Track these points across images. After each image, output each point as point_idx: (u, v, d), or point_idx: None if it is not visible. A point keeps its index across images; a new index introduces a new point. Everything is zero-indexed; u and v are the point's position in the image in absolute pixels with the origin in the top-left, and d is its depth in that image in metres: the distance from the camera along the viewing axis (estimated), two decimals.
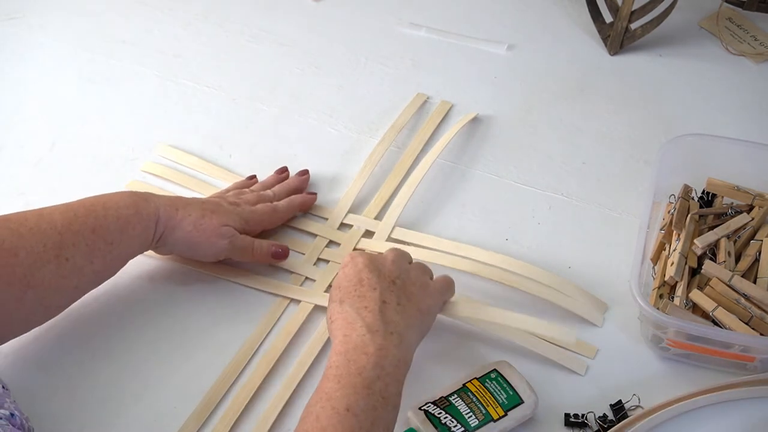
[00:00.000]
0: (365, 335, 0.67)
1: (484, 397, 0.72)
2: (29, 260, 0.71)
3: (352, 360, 0.66)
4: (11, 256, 0.70)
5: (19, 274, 0.70)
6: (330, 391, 0.64)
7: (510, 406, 0.72)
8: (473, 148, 0.97)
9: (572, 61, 1.07)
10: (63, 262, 0.73)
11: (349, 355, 0.66)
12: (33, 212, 0.74)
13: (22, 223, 0.72)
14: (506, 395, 0.72)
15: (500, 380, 0.73)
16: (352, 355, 0.66)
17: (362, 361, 0.66)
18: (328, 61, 1.08)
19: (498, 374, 0.74)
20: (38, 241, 0.71)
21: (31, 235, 0.71)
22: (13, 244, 0.70)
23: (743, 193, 0.85)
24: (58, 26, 1.13)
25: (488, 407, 0.72)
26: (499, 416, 0.71)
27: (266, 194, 0.88)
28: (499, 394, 0.72)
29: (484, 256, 0.84)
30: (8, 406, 0.65)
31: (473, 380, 0.74)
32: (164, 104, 1.03)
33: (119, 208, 0.76)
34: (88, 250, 0.74)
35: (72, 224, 0.74)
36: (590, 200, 0.91)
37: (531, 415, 0.72)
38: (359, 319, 0.68)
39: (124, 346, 0.80)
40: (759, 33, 1.08)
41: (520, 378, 0.73)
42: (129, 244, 0.77)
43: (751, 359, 0.74)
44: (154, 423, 0.75)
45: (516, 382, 0.73)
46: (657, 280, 0.81)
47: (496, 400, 0.72)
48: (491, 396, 0.72)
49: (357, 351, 0.66)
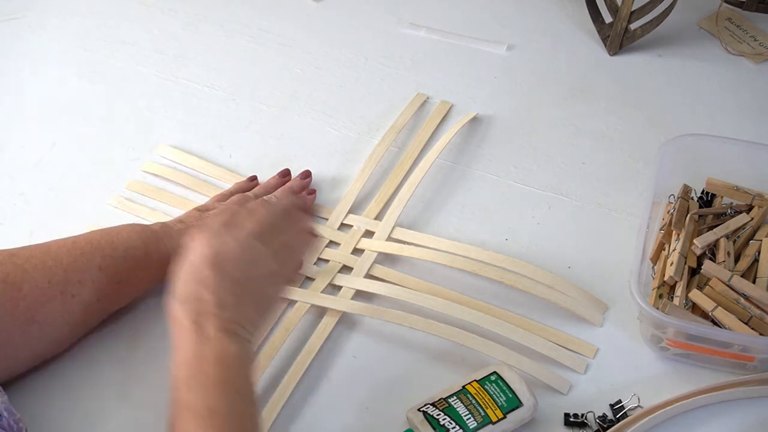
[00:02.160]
0: (201, 344, 0.64)
1: (484, 400, 0.72)
2: (33, 295, 0.71)
3: (194, 368, 0.63)
4: (15, 291, 0.70)
5: (23, 308, 0.70)
6: (184, 400, 0.62)
7: (509, 409, 0.72)
8: (473, 148, 0.97)
9: (572, 61, 1.07)
10: (69, 299, 0.73)
11: (191, 365, 0.63)
12: (39, 248, 0.74)
13: (27, 259, 0.72)
14: (505, 398, 0.72)
15: (500, 383, 0.73)
16: (193, 363, 0.63)
17: (205, 366, 0.63)
18: (328, 61, 1.08)
19: (498, 377, 0.74)
20: (43, 277, 0.71)
21: (36, 271, 0.71)
22: (18, 278, 0.70)
23: (742, 193, 0.85)
24: (58, 26, 1.13)
25: (487, 409, 0.72)
26: (498, 419, 0.71)
27: (270, 201, 0.87)
28: (499, 397, 0.72)
29: (483, 255, 0.84)
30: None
31: (473, 382, 0.74)
32: (164, 104, 1.03)
33: (128, 249, 0.76)
34: (95, 288, 0.74)
35: (77, 261, 0.73)
36: (590, 200, 0.91)
37: (530, 418, 0.72)
38: (196, 327, 0.64)
39: (124, 346, 0.79)
40: (758, 33, 1.08)
41: (519, 381, 0.73)
42: (137, 284, 0.78)
43: (751, 359, 0.74)
44: (155, 423, 0.74)
45: (516, 385, 0.73)
46: (656, 280, 0.81)
47: (496, 403, 0.72)
48: (490, 398, 0.72)
49: (197, 359, 0.63)
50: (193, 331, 0.64)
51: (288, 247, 0.71)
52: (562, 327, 0.80)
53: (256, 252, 0.68)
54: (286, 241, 0.71)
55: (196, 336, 0.64)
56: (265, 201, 0.88)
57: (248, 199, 0.88)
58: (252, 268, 0.68)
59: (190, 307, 0.65)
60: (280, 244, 0.70)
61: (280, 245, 0.70)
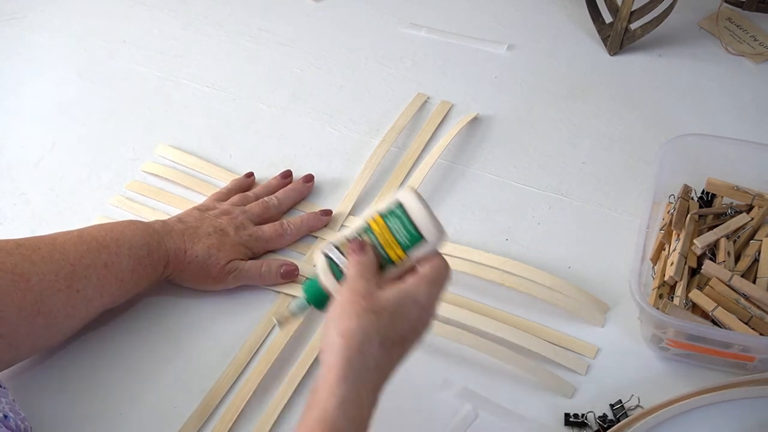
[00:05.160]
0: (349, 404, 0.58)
1: (386, 239, 0.65)
2: (40, 287, 0.71)
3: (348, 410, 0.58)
4: (23, 281, 0.70)
5: (30, 300, 0.70)
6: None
7: (411, 247, 0.65)
8: (473, 148, 0.97)
9: (572, 61, 1.07)
10: (74, 294, 0.73)
11: (346, 407, 0.57)
12: (45, 240, 0.74)
13: (34, 250, 0.72)
14: (408, 235, 0.65)
15: (403, 218, 0.65)
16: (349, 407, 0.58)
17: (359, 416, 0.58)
18: (328, 61, 1.08)
19: (402, 210, 0.65)
20: (50, 270, 0.72)
21: (44, 263, 0.72)
22: (26, 269, 0.71)
23: (743, 193, 0.85)
24: (58, 26, 1.13)
25: (389, 250, 0.65)
26: (400, 259, 0.65)
27: (271, 202, 0.88)
28: (401, 234, 0.65)
29: (483, 257, 0.84)
30: (2, 408, 0.65)
31: (377, 217, 0.66)
32: (164, 104, 1.03)
33: (132, 247, 0.77)
34: (99, 284, 0.75)
35: (84, 257, 0.74)
36: (590, 200, 0.91)
37: (435, 250, 0.65)
38: (361, 391, 0.59)
39: (124, 345, 0.80)
40: (759, 33, 1.08)
41: (422, 212, 0.65)
42: (138, 282, 0.78)
43: (751, 359, 0.74)
44: (155, 423, 0.75)
45: (418, 217, 0.65)
46: (657, 280, 0.81)
47: (397, 241, 0.65)
48: (392, 236, 0.65)
49: (352, 405, 0.58)
50: (351, 390, 0.58)
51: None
52: (562, 328, 0.80)
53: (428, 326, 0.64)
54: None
55: (354, 397, 0.58)
56: (266, 202, 0.88)
57: (248, 199, 0.88)
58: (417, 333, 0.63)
59: (361, 366, 0.59)
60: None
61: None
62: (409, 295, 0.62)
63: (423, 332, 0.63)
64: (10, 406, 0.65)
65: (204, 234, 0.81)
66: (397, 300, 0.61)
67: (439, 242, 0.65)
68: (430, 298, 0.63)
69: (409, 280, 0.63)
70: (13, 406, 0.66)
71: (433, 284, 0.63)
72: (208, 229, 0.82)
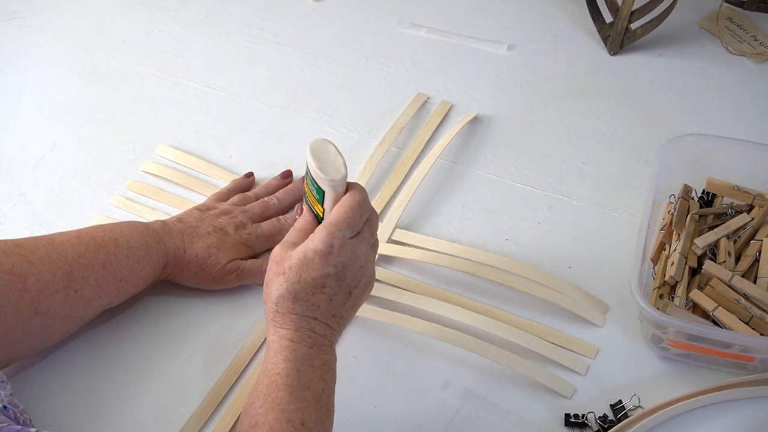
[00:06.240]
0: (312, 348, 0.66)
1: (310, 197, 0.69)
2: (38, 287, 0.71)
3: (301, 371, 0.65)
4: (21, 281, 0.70)
5: (27, 301, 0.70)
6: (282, 402, 0.63)
7: (322, 199, 0.68)
8: (473, 148, 0.97)
9: (572, 61, 1.07)
10: (72, 294, 0.73)
11: (298, 365, 0.65)
12: (43, 240, 0.74)
13: (32, 250, 0.72)
14: (315, 188, 0.68)
15: (308, 173, 0.68)
16: (301, 365, 0.65)
17: (309, 373, 0.65)
18: (328, 61, 1.08)
19: (307, 166, 0.69)
20: (48, 270, 0.72)
21: (41, 263, 0.72)
22: (23, 270, 0.71)
23: (743, 193, 0.85)
24: (58, 26, 1.13)
25: (315, 207, 0.69)
26: (322, 212, 0.69)
27: (271, 202, 0.88)
28: (313, 190, 0.68)
29: (483, 257, 0.84)
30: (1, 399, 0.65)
31: (305, 180, 0.70)
32: (164, 104, 1.03)
33: (130, 247, 0.77)
34: (97, 285, 0.75)
35: (82, 257, 0.74)
36: (590, 200, 0.91)
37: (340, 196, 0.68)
38: (309, 330, 0.67)
39: (124, 345, 0.80)
40: (759, 33, 1.08)
41: (313, 164, 0.67)
42: (136, 282, 0.78)
43: (751, 359, 0.74)
44: (155, 423, 0.75)
45: (313, 168, 0.67)
46: (657, 280, 0.81)
47: (314, 197, 0.69)
48: (311, 194, 0.69)
49: (305, 362, 0.65)
50: (307, 338, 0.66)
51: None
52: (562, 328, 0.80)
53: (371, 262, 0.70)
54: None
55: (309, 343, 0.66)
56: (266, 202, 0.88)
57: (249, 199, 0.88)
58: (362, 276, 0.69)
59: (305, 310, 0.66)
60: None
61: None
62: (309, 248, 0.66)
63: (341, 273, 0.67)
64: (8, 399, 0.65)
65: (204, 233, 0.81)
66: (300, 255, 0.66)
67: (338, 187, 0.67)
68: (327, 243, 0.66)
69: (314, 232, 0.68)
70: (12, 399, 0.66)
71: (327, 229, 0.66)
72: (207, 228, 0.81)
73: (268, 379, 0.64)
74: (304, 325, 0.66)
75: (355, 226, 0.67)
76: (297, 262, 0.66)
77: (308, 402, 0.63)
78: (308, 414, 0.63)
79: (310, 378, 0.65)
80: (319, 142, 0.68)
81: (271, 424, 0.62)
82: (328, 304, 0.67)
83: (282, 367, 0.64)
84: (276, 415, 0.62)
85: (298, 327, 0.66)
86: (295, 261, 0.66)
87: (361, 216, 0.68)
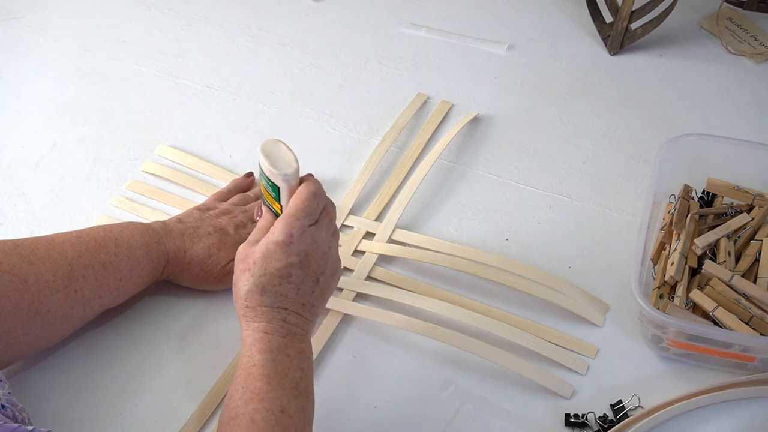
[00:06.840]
0: (286, 338, 0.67)
1: (267, 196, 0.70)
2: (38, 287, 0.71)
3: (277, 360, 0.65)
4: (21, 282, 0.70)
5: (27, 301, 0.70)
6: (261, 392, 0.63)
7: (278, 196, 0.69)
8: (473, 148, 0.97)
9: (572, 61, 1.07)
10: (72, 293, 0.73)
11: (274, 355, 0.65)
12: (43, 240, 0.74)
13: (32, 250, 0.72)
14: (270, 186, 0.69)
15: (262, 172, 0.69)
16: (276, 355, 0.66)
17: (286, 363, 0.66)
18: (328, 61, 1.08)
19: (260, 166, 0.69)
20: (48, 270, 0.72)
21: (41, 263, 0.72)
22: (23, 270, 0.71)
23: (743, 193, 0.85)
24: (58, 26, 1.13)
25: (273, 205, 0.70)
26: (280, 210, 0.70)
27: None
28: (269, 188, 0.69)
29: (483, 257, 0.84)
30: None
31: (261, 182, 0.70)
32: (164, 104, 1.03)
33: (131, 247, 0.77)
34: (98, 284, 0.75)
35: (82, 257, 0.74)
36: (590, 200, 0.91)
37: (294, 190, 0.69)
38: (281, 320, 0.67)
39: (124, 345, 0.80)
40: (759, 33, 1.08)
41: (265, 162, 0.68)
42: (137, 282, 0.78)
43: (751, 359, 0.74)
44: (155, 423, 0.75)
45: (265, 167, 0.68)
46: (657, 280, 0.81)
47: (270, 195, 0.70)
48: (267, 192, 0.70)
49: (280, 352, 0.66)
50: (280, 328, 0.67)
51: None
52: (562, 327, 0.80)
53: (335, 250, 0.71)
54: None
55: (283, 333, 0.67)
56: None
57: (249, 199, 0.88)
58: (328, 265, 0.70)
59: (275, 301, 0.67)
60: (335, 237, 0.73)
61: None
62: (270, 240, 0.67)
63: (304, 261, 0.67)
64: (7, 398, 0.65)
65: (204, 234, 0.81)
66: (262, 249, 0.67)
67: (291, 181, 0.68)
68: (287, 233, 0.67)
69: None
70: (10, 398, 0.66)
71: (286, 220, 0.67)
72: (208, 228, 0.82)
73: (245, 372, 0.65)
74: (276, 315, 0.67)
75: (312, 214, 0.68)
76: (260, 256, 0.67)
77: (286, 390, 0.64)
78: (287, 402, 0.63)
79: (287, 367, 0.65)
80: (269, 142, 0.69)
81: (251, 415, 0.62)
82: (296, 293, 0.67)
83: (258, 359, 0.65)
84: (255, 405, 0.63)
85: (269, 318, 0.67)
86: (259, 255, 0.67)
87: (317, 204, 0.69)
